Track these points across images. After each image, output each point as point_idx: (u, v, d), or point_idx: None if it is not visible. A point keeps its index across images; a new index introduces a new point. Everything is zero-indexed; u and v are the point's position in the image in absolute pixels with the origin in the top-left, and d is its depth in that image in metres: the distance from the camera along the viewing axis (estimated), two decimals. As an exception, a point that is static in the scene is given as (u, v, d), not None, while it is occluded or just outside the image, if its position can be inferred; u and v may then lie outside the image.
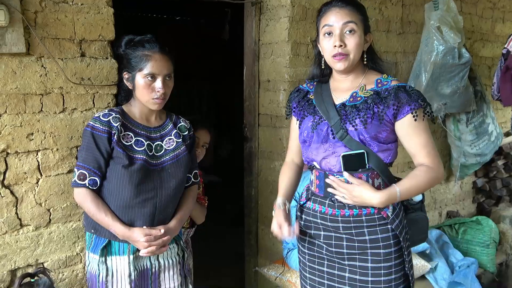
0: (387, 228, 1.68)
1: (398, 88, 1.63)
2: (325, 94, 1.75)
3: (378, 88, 1.67)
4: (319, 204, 1.75)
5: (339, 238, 1.71)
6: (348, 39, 1.63)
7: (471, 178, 4.51)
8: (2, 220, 1.91)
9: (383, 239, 1.67)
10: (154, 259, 1.86)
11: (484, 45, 4.33)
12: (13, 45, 1.83)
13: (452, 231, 3.64)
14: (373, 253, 1.68)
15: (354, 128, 1.64)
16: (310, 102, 1.79)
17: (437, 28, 3.24)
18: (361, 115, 1.63)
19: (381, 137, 1.65)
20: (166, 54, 1.79)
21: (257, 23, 2.94)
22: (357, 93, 1.70)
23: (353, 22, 1.63)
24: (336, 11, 1.64)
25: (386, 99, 1.63)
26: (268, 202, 3.07)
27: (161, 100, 1.78)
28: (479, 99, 3.78)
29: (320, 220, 1.74)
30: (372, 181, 1.67)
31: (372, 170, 1.65)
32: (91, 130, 1.74)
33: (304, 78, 2.87)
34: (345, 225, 1.69)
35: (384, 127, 1.64)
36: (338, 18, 1.63)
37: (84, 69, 2.03)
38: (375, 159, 1.65)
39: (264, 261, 3.14)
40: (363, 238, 1.68)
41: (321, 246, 1.77)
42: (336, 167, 1.68)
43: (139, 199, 1.76)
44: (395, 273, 1.70)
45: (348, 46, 1.63)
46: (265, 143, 3.04)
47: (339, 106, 1.70)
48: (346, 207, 1.68)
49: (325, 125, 1.69)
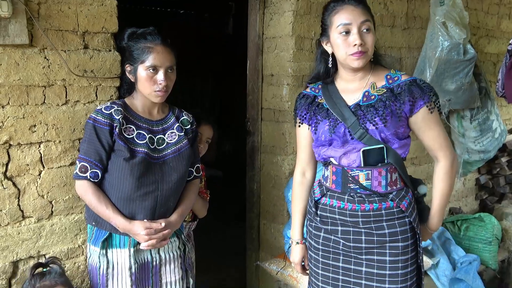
0: (405, 222, 1.72)
1: (411, 83, 1.67)
2: (335, 96, 1.76)
3: (390, 85, 1.70)
4: (337, 199, 1.75)
5: (358, 232, 1.73)
6: (366, 37, 1.64)
7: (474, 174, 4.50)
8: (4, 212, 1.92)
9: (401, 232, 1.71)
10: (155, 252, 1.86)
11: (490, 41, 4.30)
12: (16, 36, 1.82)
13: (455, 227, 3.63)
14: (392, 246, 1.70)
15: (375, 127, 1.66)
16: (321, 106, 1.78)
17: (443, 24, 3.22)
18: (380, 114, 1.66)
19: (400, 132, 1.69)
20: (168, 46, 1.79)
21: (261, 17, 2.92)
22: (369, 92, 1.71)
23: (369, 21, 1.65)
24: (351, 9, 1.64)
25: (401, 95, 1.66)
26: (270, 196, 3.07)
27: (163, 92, 1.77)
28: (483, 95, 3.76)
29: (338, 216, 1.75)
30: (390, 175, 1.71)
31: (390, 164, 1.69)
32: (93, 123, 1.74)
33: (308, 73, 2.88)
34: (365, 219, 1.71)
35: (401, 122, 1.68)
36: (356, 17, 1.63)
37: (87, 61, 2.03)
38: (393, 154, 1.69)
39: (266, 255, 3.14)
40: (382, 232, 1.70)
41: (337, 242, 1.77)
42: (356, 162, 1.70)
43: (140, 192, 1.75)
44: (411, 266, 1.73)
45: (367, 44, 1.64)
46: (268, 137, 3.03)
47: (353, 107, 1.71)
48: (366, 202, 1.70)
49: (342, 127, 1.70)
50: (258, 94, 3.01)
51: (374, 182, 1.70)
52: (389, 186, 1.71)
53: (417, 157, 3.82)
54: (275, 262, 2.82)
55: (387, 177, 1.70)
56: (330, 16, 1.69)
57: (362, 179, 1.70)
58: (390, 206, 1.71)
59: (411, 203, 1.74)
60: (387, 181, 1.70)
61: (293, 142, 2.91)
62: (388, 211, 1.70)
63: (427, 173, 3.92)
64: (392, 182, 1.71)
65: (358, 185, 1.71)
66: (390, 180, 1.71)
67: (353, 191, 1.72)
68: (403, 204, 1.71)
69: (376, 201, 1.70)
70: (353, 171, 1.71)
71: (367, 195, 1.71)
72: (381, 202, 1.70)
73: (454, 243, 3.40)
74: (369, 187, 1.70)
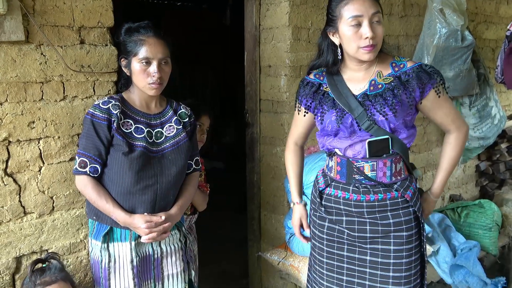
0: (409, 211, 1.73)
1: (417, 69, 1.67)
2: (340, 85, 1.73)
3: (396, 73, 1.68)
4: (342, 190, 1.76)
5: (363, 222, 1.74)
6: (377, 29, 1.60)
7: (474, 161, 4.50)
8: (6, 208, 1.93)
9: (405, 221, 1.72)
10: (156, 245, 1.88)
11: (488, 27, 4.28)
12: (12, 33, 1.82)
13: (455, 214, 3.64)
14: (396, 235, 1.72)
15: (385, 117, 1.64)
16: (327, 95, 1.76)
17: (440, 11, 3.21)
18: (389, 103, 1.64)
19: (408, 120, 1.70)
20: (161, 38, 1.78)
21: (258, 8, 2.91)
22: (376, 81, 1.69)
23: (379, 12, 1.61)
24: (358, 1, 1.58)
25: (409, 83, 1.65)
26: (270, 187, 3.08)
27: (157, 85, 1.77)
28: (482, 82, 3.75)
29: (343, 206, 1.76)
30: (395, 165, 1.71)
31: (396, 154, 1.70)
32: (91, 118, 1.74)
33: (306, 64, 2.87)
34: (369, 209, 1.72)
35: (409, 110, 1.68)
36: (367, 8, 1.58)
37: (83, 57, 2.03)
38: (399, 143, 1.69)
39: (267, 246, 3.16)
40: (387, 222, 1.72)
41: (341, 231, 1.78)
42: (361, 153, 1.71)
43: (140, 186, 1.76)
44: (415, 254, 1.75)
45: (377, 37, 1.61)
46: (266, 129, 3.04)
47: (360, 97, 1.68)
48: (371, 192, 1.71)
49: (349, 118, 1.69)
50: (256, 85, 3.01)
51: (379, 173, 1.70)
52: (393, 176, 1.72)
53: (416, 145, 3.82)
54: (277, 253, 2.84)
55: (391, 167, 1.71)
56: (339, 7, 1.62)
57: (367, 170, 1.71)
58: (395, 196, 1.72)
59: (415, 193, 1.75)
60: (391, 171, 1.71)
61: (292, 133, 2.91)
62: (393, 201, 1.71)
63: (427, 160, 3.93)
64: (396, 172, 1.72)
65: (363, 176, 1.71)
66: (395, 170, 1.72)
67: (358, 182, 1.73)
68: (408, 194, 1.72)
69: (381, 192, 1.71)
70: (358, 162, 1.71)
71: (372, 186, 1.71)
72: (386, 193, 1.71)
73: (454, 230, 3.41)
74: (374, 178, 1.70)
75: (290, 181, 2.01)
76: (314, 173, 2.42)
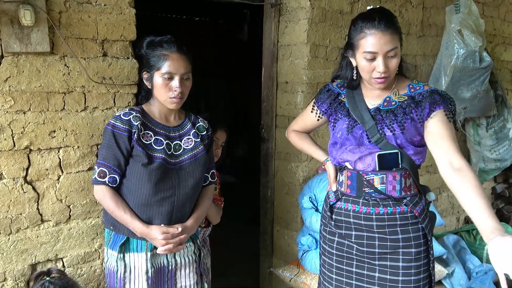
0: (418, 228, 1.73)
1: (432, 92, 1.68)
2: (357, 98, 1.78)
3: (412, 93, 1.71)
4: (352, 203, 1.77)
5: (371, 237, 1.74)
6: (391, 62, 1.63)
7: (490, 183, 4.45)
8: (24, 215, 1.96)
9: (414, 238, 1.72)
10: (171, 256, 1.88)
11: (506, 49, 4.26)
12: (38, 44, 1.87)
13: (470, 236, 3.59)
14: (405, 252, 1.71)
15: (392, 133, 1.68)
16: (343, 105, 1.81)
17: (458, 32, 3.21)
18: (399, 120, 1.67)
19: (416, 140, 1.70)
20: (184, 53, 1.81)
21: (276, 25, 2.95)
22: (390, 98, 1.73)
23: (396, 48, 1.61)
24: (379, 36, 1.59)
25: (421, 102, 1.66)
26: (284, 203, 3.08)
27: (178, 99, 1.80)
28: (500, 103, 3.73)
29: (353, 219, 1.77)
30: (405, 180, 1.72)
31: (405, 169, 1.70)
32: (111, 129, 1.77)
33: (323, 81, 2.89)
34: (379, 223, 1.72)
35: (418, 130, 1.68)
36: (383, 46, 1.59)
37: (105, 69, 2.07)
38: (408, 159, 1.70)
39: (279, 261, 3.15)
40: (396, 237, 1.71)
41: (351, 246, 1.78)
42: (371, 166, 1.72)
43: (158, 198, 1.78)
44: (423, 273, 1.73)
45: (390, 69, 1.63)
46: (282, 144, 3.04)
47: (373, 111, 1.73)
48: (380, 205, 1.72)
49: (360, 129, 1.73)
50: (273, 101, 3.03)
51: (389, 186, 1.71)
52: (403, 191, 1.72)
53: (432, 165, 3.79)
54: (289, 269, 2.82)
55: (401, 182, 1.71)
56: (357, 38, 1.64)
57: (377, 183, 1.72)
58: (404, 211, 1.72)
59: (424, 210, 1.75)
60: (401, 186, 1.71)
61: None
62: (402, 215, 1.72)
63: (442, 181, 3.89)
64: (406, 187, 1.72)
65: (373, 189, 1.72)
66: (405, 185, 1.72)
67: (368, 195, 1.74)
68: (417, 209, 1.72)
69: (390, 205, 1.72)
70: (368, 175, 1.72)
71: (381, 199, 1.72)
72: (395, 206, 1.72)
73: (469, 252, 3.36)
74: (383, 191, 1.71)
75: (308, 149, 2.04)
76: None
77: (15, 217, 1.94)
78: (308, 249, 2.71)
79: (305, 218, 2.74)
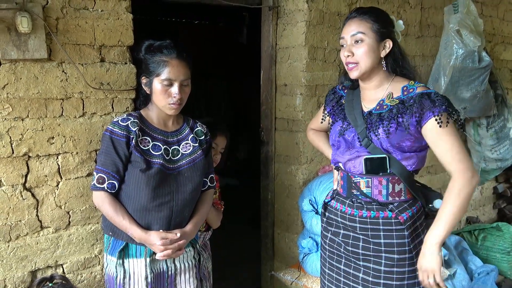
0: (404, 234, 1.70)
1: (422, 95, 1.64)
2: (355, 101, 1.81)
3: (404, 96, 1.69)
4: (341, 203, 1.82)
5: (356, 238, 1.77)
6: (357, 48, 1.69)
7: (492, 183, 4.43)
8: (23, 222, 1.96)
9: (398, 244, 1.70)
10: (170, 262, 1.88)
11: (506, 48, 4.25)
12: (36, 51, 1.87)
13: (472, 237, 3.58)
14: (387, 257, 1.71)
15: (377, 137, 1.68)
16: (342, 108, 1.85)
17: (457, 32, 3.21)
18: (385, 125, 1.67)
19: (405, 146, 1.67)
20: (184, 60, 1.81)
21: (274, 28, 2.94)
22: (383, 101, 1.73)
23: (361, 33, 1.68)
24: (348, 24, 1.72)
25: (411, 107, 1.64)
26: (284, 206, 3.07)
27: (177, 105, 1.79)
28: (500, 103, 3.72)
29: (340, 219, 1.81)
30: (393, 185, 1.71)
31: (393, 175, 1.70)
32: (110, 135, 1.77)
33: (321, 83, 2.89)
34: (362, 225, 1.74)
35: (408, 136, 1.66)
36: (348, 30, 1.71)
37: (103, 74, 2.07)
38: (397, 165, 1.69)
39: (280, 265, 3.14)
40: (378, 241, 1.72)
41: (340, 244, 1.83)
42: (359, 169, 1.74)
43: (156, 203, 1.78)
44: (408, 279, 1.71)
45: (356, 55, 1.69)
46: (281, 147, 3.04)
47: (366, 114, 1.75)
48: (364, 209, 1.74)
49: (352, 132, 1.76)
50: (272, 103, 3.02)
51: (374, 190, 1.72)
52: (390, 196, 1.71)
53: (433, 165, 3.79)
54: (290, 272, 2.82)
55: (388, 186, 1.71)
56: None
57: (362, 186, 1.74)
58: (388, 216, 1.71)
59: (413, 217, 1.72)
60: (388, 191, 1.71)
61: (307, 152, 2.91)
62: (385, 220, 1.71)
63: (443, 181, 3.88)
64: (394, 192, 1.71)
65: (360, 191, 1.75)
66: (393, 190, 1.71)
67: (355, 197, 1.77)
68: (403, 216, 1.69)
69: (374, 209, 1.72)
70: (356, 178, 1.75)
71: (366, 202, 1.74)
72: (379, 211, 1.72)
73: (471, 253, 3.35)
74: (369, 194, 1.73)
75: (321, 146, 2.08)
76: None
77: (15, 224, 1.94)
78: (308, 252, 2.71)
79: (306, 221, 2.74)
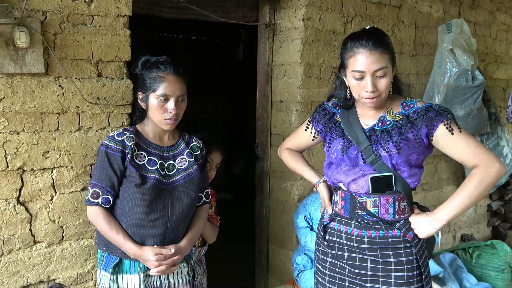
0: (411, 252, 1.70)
1: (427, 108, 1.66)
2: (352, 118, 1.76)
3: (406, 112, 1.69)
4: (345, 224, 1.76)
5: (364, 259, 1.72)
6: (380, 82, 1.62)
7: (486, 201, 4.45)
8: (16, 237, 1.94)
9: (407, 262, 1.70)
10: (164, 278, 1.87)
11: (499, 67, 4.31)
12: (33, 65, 1.88)
13: (466, 255, 3.58)
14: (397, 276, 1.69)
15: (388, 153, 1.66)
16: (338, 125, 1.80)
17: (450, 51, 3.26)
18: (394, 140, 1.65)
19: (412, 159, 1.68)
20: (180, 75, 1.82)
21: (271, 45, 2.98)
22: (385, 117, 1.72)
23: (385, 67, 1.60)
24: (366, 55, 1.58)
25: (417, 122, 1.65)
26: (279, 222, 3.07)
27: (173, 120, 1.80)
28: (493, 121, 3.76)
29: (345, 241, 1.76)
30: (398, 203, 1.70)
31: (398, 192, 1.69)
32: (105, 149, 1.77)
33: (317, 100, 2.91)
34: (371, 246, 1.71)
35: (416, 149, 1.66)
36: (370, 65, 1.58)
37: (100, 89, 2.08)
38: (402, 182, 1.68)
39: (275, 281, 3.12)
40: (388, 260, 1.70)
41: (343, 267, 1.77)
42: (364, 189, 1.71)
43: (151, 218, 1.77)
44: None
45: (380, 89, 1.62)
46: (276, 163, 3.05)
47: (368, 131, 1.71)
48: (372, 229, 1.70)
49: (355, 150, 1.71)
50: (267, 119, 3.04)
51: (382, 209, 1.70)
52: (396, 214, 1.71)
53: (427, 183, 3.80)
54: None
55: (394, 205, 1.70)
56: (346, 57, 1.65)
57: (369, 206, 1.71)
58: (397, 235, 1.70)
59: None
60: (394, 209, 1.70)
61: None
62: (395, 239, 1.70)
63: (437, 199, 3.90)
64: (400, 210, 1.71)
65: (366, 211, 1.71)
66: (398, 208, 1.70)
67: (360, 217, 1.72)
68: (410, 234, 1.70)
69: (382, 229, 1.70)
70: (361, 197, 1.71)
71: (374, 222, 1.71)
72: (387, 230, 1.70)
73: (466, 271, 3.34)
74: (376, 214, 1.70)
75: (301, 170, 2.00)
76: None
77: (7, 238, 1.93)
78: (303, 268, 2.70)
79: (300, 237, 2.73)
